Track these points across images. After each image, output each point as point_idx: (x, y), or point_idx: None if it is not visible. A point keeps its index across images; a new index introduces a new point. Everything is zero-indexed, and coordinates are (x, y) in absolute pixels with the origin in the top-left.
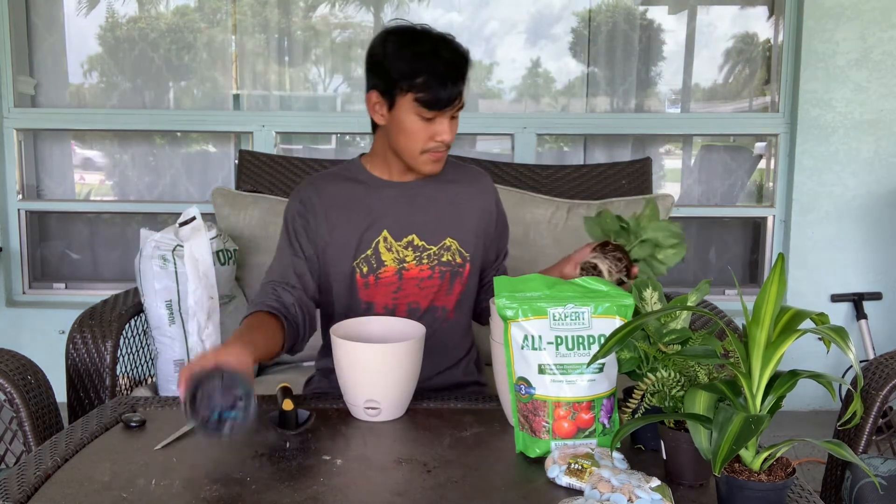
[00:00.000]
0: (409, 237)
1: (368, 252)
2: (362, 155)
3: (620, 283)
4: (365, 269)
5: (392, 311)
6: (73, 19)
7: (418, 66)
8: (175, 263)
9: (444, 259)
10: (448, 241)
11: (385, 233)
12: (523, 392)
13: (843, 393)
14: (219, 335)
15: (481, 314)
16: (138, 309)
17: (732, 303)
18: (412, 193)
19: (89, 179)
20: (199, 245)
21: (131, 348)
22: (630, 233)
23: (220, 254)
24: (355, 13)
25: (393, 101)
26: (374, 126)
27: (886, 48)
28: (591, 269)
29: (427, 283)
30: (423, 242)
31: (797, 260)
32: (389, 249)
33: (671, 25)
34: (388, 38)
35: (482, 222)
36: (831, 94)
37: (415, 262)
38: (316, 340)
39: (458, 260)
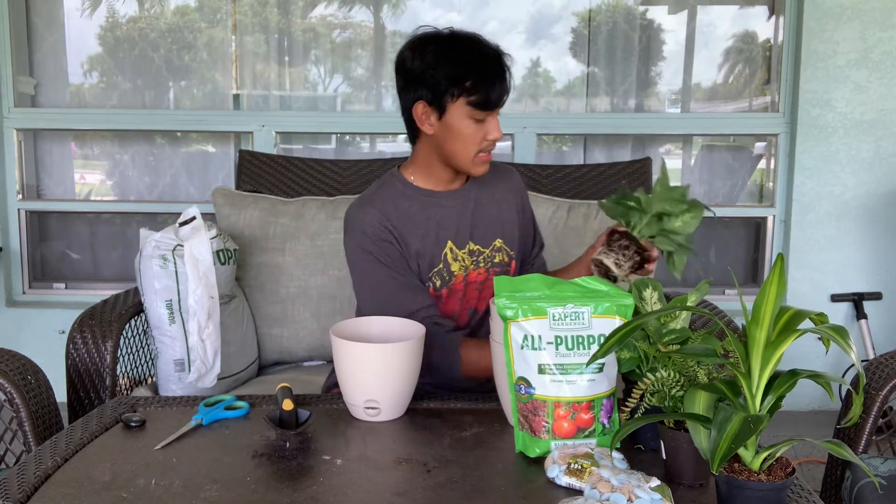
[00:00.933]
0: (468, 244)
1: (440, 266)
2: (399, 166)
3: (639, 268)
4: (438, 283)
5: (455, 318)
6: (73, 19)
7: (467, 70)
8: (175, 263)
9: (496, 260)
10: (498, 242)
11: (450, 243)
12: (523, 392)
13: (843, 393)
14: (219, 335)
15: None
16: (138, 309)
17: (732, 303)
18: (462, 200)
19: (89, 179)
20: (199, 245)
21: (131, 348)
22: (641, 211)
23: (221, 254)
24: (355, 13)
25: (443, 109)
26: (414, 138)
27: (886, 48)
28: (600, 266)
29: (485, 285)
30: (479, 247)
31: (797, 260)
32: (456, 259)
33: (671, 25)
34: (425, 48)
35: (520, 217)
36: (831, 94)
37: (473, 266)
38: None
39: (506, 259)
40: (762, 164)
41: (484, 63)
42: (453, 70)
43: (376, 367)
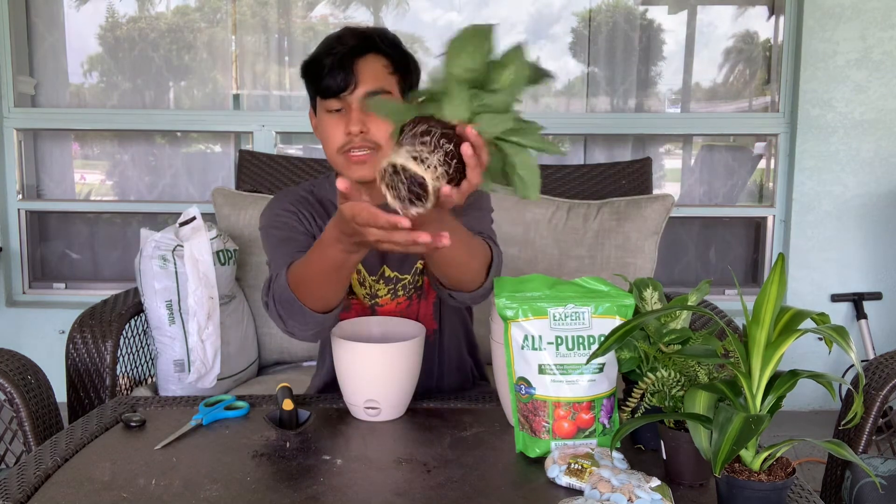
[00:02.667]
0: (381, 269)
1: None
2: (338, 174)
3: (458, 162)
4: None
5: None
6: (73, 19)
7: (312, 58)
8: (175, 263)
9: (419, 284)
10: (420, 265)
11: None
12: (523, 392)
13: (843, 393)
14: (219, 335)
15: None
16: (138, 309)
17: (732, 303)
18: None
19: (89, 179)
20: (199, 245)
21: (131, 348)
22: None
23: (221, 254)
24: (355, 13)
25: (315, 110)
26: None
27: (886, 48)
28: (389, 175)
29: (406, 312)
30: (396, 273)
31: (797, 260)
32: (362, 284)
33: (671, 25)
34: None
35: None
36: (831, 93)
37: (389, 295)
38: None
39: (420, 280)
40: (762, 164)
41: (325, 49)
42: (304, 67)
43: (376, 367)
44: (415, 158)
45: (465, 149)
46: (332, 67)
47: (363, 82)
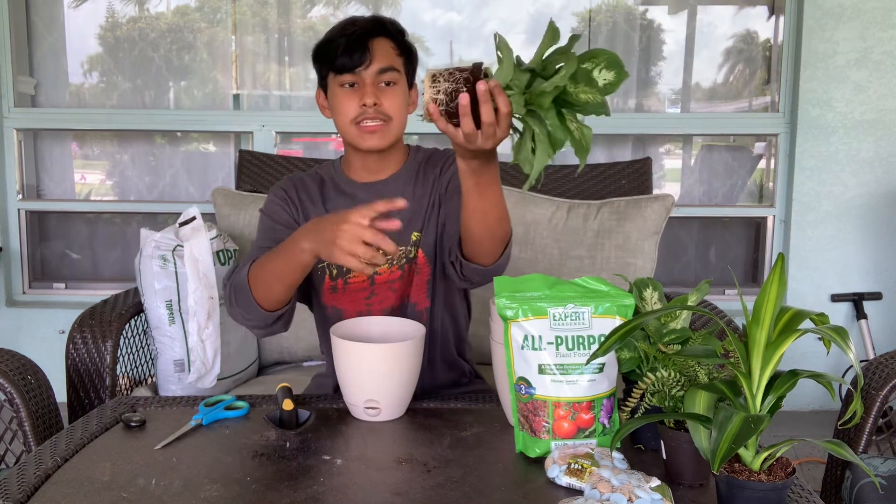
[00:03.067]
0: None
1: None
2: (342, 157)
3: (455, 114)
4: (334, 272)
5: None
6: (72, 19)
7: (326, 40)
8: (175, 263)
9: (411, 256)
10: (414, 236)
11: None
12: (523, 392)
13: (843, 393)
14: (219, 335)
15: (455, 265)
16: (138, 309)
17: (732, 303)
18: (378, 194)
19: (89, 179)
20: (199, 245)
21: (131, 348)
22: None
23: (221, 254)
24: (355, 13)
25: (326, 88)
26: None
27: (886, 48)
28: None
29: (398, 283)
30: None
31: (797, 260)
32: None
33: (671, 25)
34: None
35: (433, 198)
36: (831, 94)
37: (386, 265)
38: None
39: (413, 252)
40: (762, 164)
41: (342, 31)
42: (317, 48)
43: (376, 367)
44: (434, 77)
45: (464, 97)
46: (347, 46)
47: (377, 59)
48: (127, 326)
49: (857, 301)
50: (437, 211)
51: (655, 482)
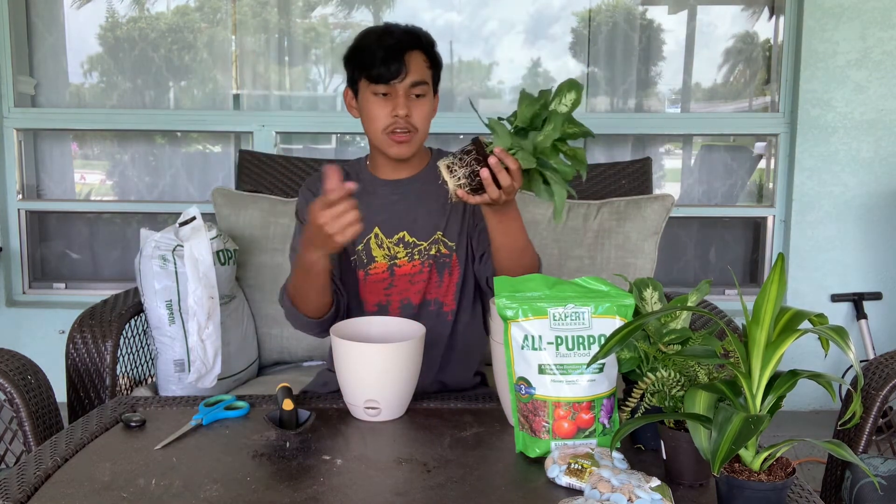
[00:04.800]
0: (400, 234)
1: (360, 248)
2: (368, 155)
3: (477, 186)
4: (356, 264)
5: (385, 308)
6: (73, 19)
7: (363, 47)
8: (175, 263)
9: (432, 252)
10: (438, 235)
11: (376, 230)
12: (523, 392)
13: (843, 393)
14: (219, 335)
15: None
16: (138, 309)
17: (732, 303)
18: (403, 191)
19: (89, 179)
20: (199, 245)
21: (131, 348)
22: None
23: (221, 254)
24: (355, 13)
25: (356, 90)
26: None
27: (886, 48)
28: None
29: (418, 277)
30: (414, 239)
31: (797, 260)
32: (381, 246)
33: (671, 25)
34: (355, 39)
35: (464, 209)
36: (831, 94)
37: (406, 258)
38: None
39: (444, 251)
40: (762, 164)
41: (380, 41)
42: (353, 52)
43: (376, 367)
44: (448, 167)
45: (484, 172)
46: (385, 57)
47: (411, 73)
48: (127, 326)
49: (857, 301)
50: (461, 215)
51: (655, 482)
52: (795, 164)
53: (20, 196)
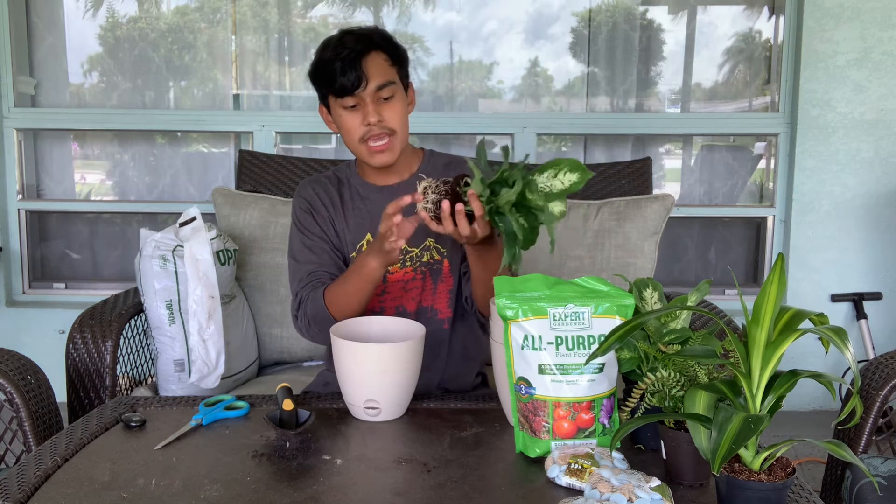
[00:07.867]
0: None
1: (353, 255)
2: (357, 159)
3: (437, 217)
4: None
5: (379, 314)
6: (73, 19)
7: (321, 62)
8: (175, 263)
9: (424, 259)
10: (429, 242)
11: (368, 236)
12: (523, 392)
13: (843, 393)
14: (222, 335)
15: (474, 306)
16: (138, 309)
17: (732, 303)
18: (393, 196)
19: (89, 179)
20: (199, 245)
21: (131, 348)
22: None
23: (221, 254)
24: (355, 13)
25: (328, 108)
26: None
27: (886, 48)
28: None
29: (411, 284)
30: (406, 245)
31: (797, 260)
32: None
33: (671, 25)
34: (315, 54)
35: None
36: (831, 94)
37: (398, 265)
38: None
39: (437, 257)
40: (762, 164)
41: (333, 56)
42: (313, 71)
43: (376, 367)
44: (425, 189)
45: (445, 204)
46: (342, 69)
47: (372, 78)
48: (127, 326)
49: (856, 301)
50: None
51: (655, 482)
52: (795, 164)
53: (20, 196)
